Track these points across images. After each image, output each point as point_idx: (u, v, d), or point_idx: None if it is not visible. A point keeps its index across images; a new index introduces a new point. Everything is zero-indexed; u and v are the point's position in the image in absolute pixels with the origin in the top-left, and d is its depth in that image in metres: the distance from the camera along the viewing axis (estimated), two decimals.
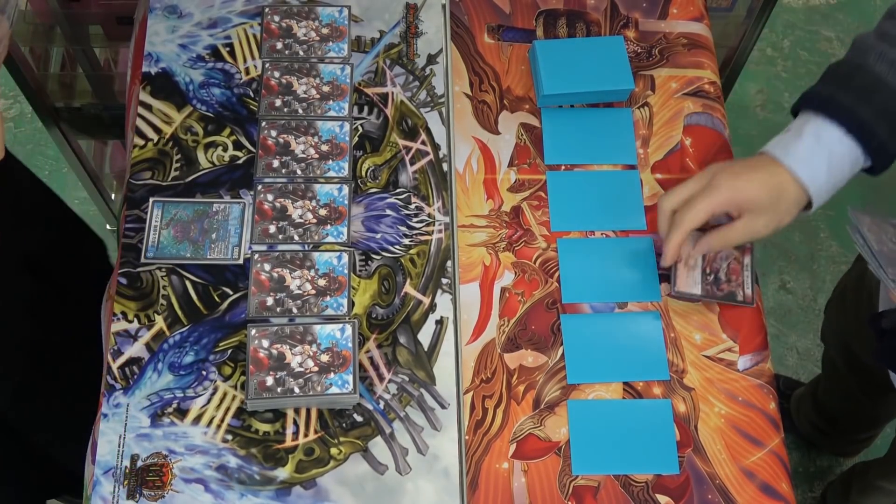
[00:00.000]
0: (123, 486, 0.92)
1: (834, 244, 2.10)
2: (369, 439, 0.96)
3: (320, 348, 0.96)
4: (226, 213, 1.05)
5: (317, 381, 0.95)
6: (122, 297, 1.01)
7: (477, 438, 0.98)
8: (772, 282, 2.07)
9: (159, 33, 1.16)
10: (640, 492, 0.96)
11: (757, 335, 1.04)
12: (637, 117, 1.16)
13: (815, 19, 2.39)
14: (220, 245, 1.04)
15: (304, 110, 1.11)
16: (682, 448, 0.98)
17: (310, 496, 0.93)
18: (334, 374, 0.95)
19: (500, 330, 1.03)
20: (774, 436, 1.00)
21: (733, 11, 1.56)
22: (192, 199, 1.06)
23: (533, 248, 1.07)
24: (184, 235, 1.04)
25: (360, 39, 1.18)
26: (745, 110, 2.27)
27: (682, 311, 1.05)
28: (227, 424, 0.96)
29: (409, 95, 1.15)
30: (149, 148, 1.09)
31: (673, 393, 1.01)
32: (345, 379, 0.95)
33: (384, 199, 1.08)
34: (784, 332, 2.02)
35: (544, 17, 1.22)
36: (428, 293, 1.04)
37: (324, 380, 0.95)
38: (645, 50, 1.20)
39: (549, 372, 1.01)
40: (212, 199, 1.07)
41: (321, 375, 0.95)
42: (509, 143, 1.13)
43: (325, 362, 0.96)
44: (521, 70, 1.18)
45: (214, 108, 1.12)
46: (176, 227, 1.04)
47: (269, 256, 1.03)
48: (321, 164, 1.08)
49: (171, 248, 1.04)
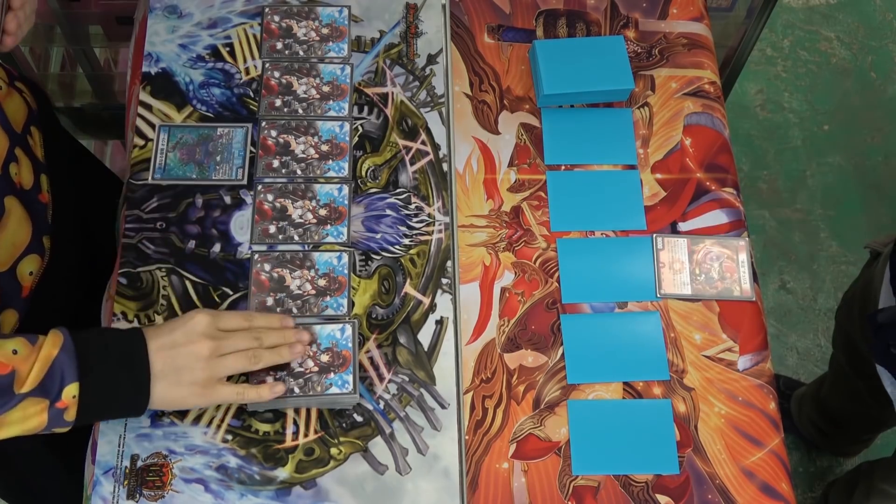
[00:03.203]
0: (123, 486, 0.92)
1: (834, 244, 2.10)
2: (369, 439, 0.96)
3: (320, 348, 0.96)
4: (230, 137, 1.08)
5: (317, 381, 0.95)
6: (122, 297, 1.01)
7: (477, 438, 0.98)
8: (772, 282, 2.07)
9: (159, 33, 1.16)
10: (640, 492, 0.96)
11: (757, 335, 1.04)
12: (637, 117, 1.16)
13: (815, 19, 2.39)
14: (224, 167, 1.07)
15: (304, 110, 1.11)
16: (682, 448, 0.98)
17: (310, 496, 0.93)
18: (334, 375, 0.95)
19: (500, 330, 1.03)
20: (774, 436, 1.00)
21: (733, 11, 1.56)
22: (197, 124, 1.10)
23: (533, 248, 1.07)
24: (189, 157, 1.07)
25: (360, 39, 1.18)
26: (745, 110, 2.27)
27: (682, 311, 1.05)
28: (228, 424, 0.96)
29: (409, 95, 1.15)
30: (149, 148, 1.09)
31: (673, 393, 1.01)
32: (345, 379, 0.95)
33: (384, 199, 1.08)
34: (784, 332, 2.02)
35: (544, 17, 1.22)
36: (428, 293, 1.04)
37: (324, 380, 0.95)
38: (645, 50, 1.20)
39: (549, 372, 1.01)
40: (216, 124, 1.10)
41: (321, 375, 0.95)
42: (509, 143, 1.13)
43: (326, 362, 0.96)
44: (521, 70, 1.18)
45: (214, 108, 1.12)
46: (182, 150, 1.08)
47: (269, 256, 1.03)
48: (321, 164, 1.08)
49: (177, 169, 1.07)
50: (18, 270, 0.97)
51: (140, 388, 0.85)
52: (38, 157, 1.04)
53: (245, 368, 0.89)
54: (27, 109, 1.04)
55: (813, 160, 2.21)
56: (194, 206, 1.06)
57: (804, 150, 2.22)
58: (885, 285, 1.20)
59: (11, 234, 0.96)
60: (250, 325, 0.92)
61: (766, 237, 2.11)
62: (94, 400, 0.83)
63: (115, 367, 0.84)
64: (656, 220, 1.10)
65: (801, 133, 2.25)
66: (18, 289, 0.98)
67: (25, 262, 0.98)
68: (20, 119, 1.02)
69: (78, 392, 0.82)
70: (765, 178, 2.18)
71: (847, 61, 2.34)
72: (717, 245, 1.08)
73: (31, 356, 0.81)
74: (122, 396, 0.85)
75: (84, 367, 0.82)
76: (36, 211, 1.01)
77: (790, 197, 2.16)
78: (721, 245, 1.08)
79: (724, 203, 1.11)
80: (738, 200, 1.12)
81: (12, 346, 0.80)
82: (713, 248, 1.08)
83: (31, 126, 1.04)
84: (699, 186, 1.12)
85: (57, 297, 1.04)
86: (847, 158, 2.21)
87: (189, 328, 0.87)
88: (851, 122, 2.26)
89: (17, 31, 0.92)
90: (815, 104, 2.28)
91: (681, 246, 1.07)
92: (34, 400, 0.80)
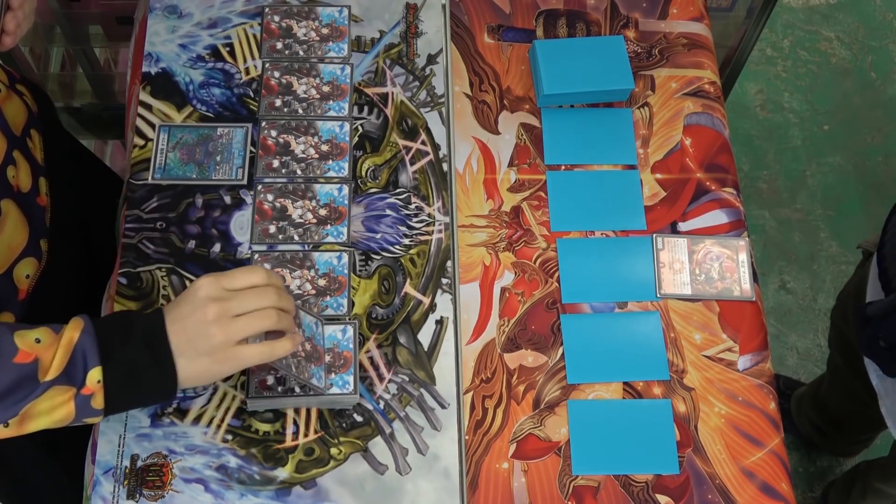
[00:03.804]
0: (123, 486, 0.92)
1: (834, 244, 2.10)
2: (369, 439, 0.96)
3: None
4: (230, 137, 1.08)
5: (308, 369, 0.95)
6: (122, 297, 1.01)
7: (477, 438, 0.98)
8: (772, 282, 2.07)
9: (159, 33, 1.16)
10: (640, 492, 0.96)
11: (757, 335, 1.04)
12: (637, 117, 1.16)
13: (815, 19, 2.39)
14: (224, 167, 1.07)
15: (304, 110, 1.11)
16: (682, 448, 0.98)
17: (310, 496, 0.93)
18: (335, 375, 0.95)
19: (500, 330, 1.03)
20: (774, 436, 1.00)
21: (733, 11, 1.56)
22: (197, 124, 1.10)
23: (533, 248, 1.07)
24: (189, 157, 1.07)
25: (360, 39, 1.18)
26: (745, 110, 2.27)
27: (682, 311, 1.05)
28: (228, 424, 0.96)
29: (409, 95, 1.15)
30: (149, 148, 1.09)
31: (673, 393, 1.01)
32: (345, 379, 0.95)
33: (384, 199, 1.08)
34: (784, 332, 2.02)
35: (544, 17, 1.22)
36: (428, 293, 1.04)
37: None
38: (645, 50, 1.20)
39: (549, 372, 1.01)
40: (216, 124, 1.10)
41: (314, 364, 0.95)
42: (509, 143, 1.13)
43: (326, 363, 0.96)
44: (521, 70, 1.18)
45: (214, 108, 1.12)
46: (182, 150, 1.08)
47: (269, 256, 1.03)
48: (321, 164, 1.08)
49: (177, 169, 1.07)
50: (15, 273, 0.97)
51: (163, 366, 0.82)
52: (38, 160, 1.04)
53: (264, 327, 0.84)
54: (27, 112, 1.04)
55: (813, 160, 2.21)
56: (194, 206, 1.06)
57: (804, 150, 2.22)
58: (873, 279, 1.21)
59: (8, 237, 0.95)
60: (265, 281, 0.86)
61: (766, 237, 2.11)
62: (119, 383, 0.80)
63: (137, 347, 0.81)
64: (656, 220, 1.10)
65: (801, 133, 2.25)
66: (15, 292, 0.97)
67: (22, 266, 0.98)
68: (20, 122, 1.02)
69: (102, 376, 0.79)
70: (765, 178, 2.18)
71: (847, 61, 2.34)
72: (717, 245, 1.08)
73: (54, 344, 0.79)
74: (147, 378, 0.82)
75: (106, 350, 0.80)
76: (33, 214, 1.00)
77: (790, 197, 2.16)
78: (721, 245, 1.08)
79: (724, 203, 1.11)
80: (738, 200, 1.12)
81: (35, 335, 0.79)
82: (713, 248, 1.08)
83: (30, 129, 1.04)
84: (699, 186, 1.12)
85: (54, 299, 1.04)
86: (847, 158, 2.21)
87: (192, 295, 0.84)
88: (851, 122, 2.26)
89: (17, 30, 0.92)
90: (815, 104, 2.28)
91: (681, 246, 1.07)
92: (60, 389, 0.79)
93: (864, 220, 2.13)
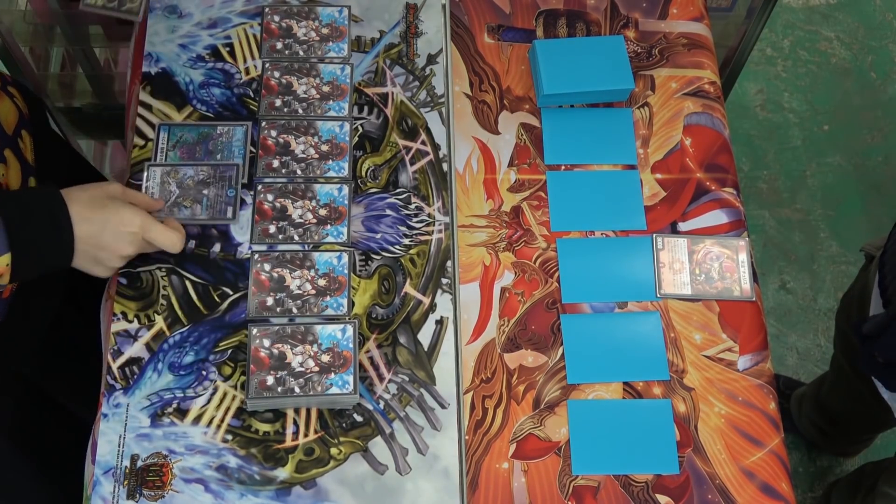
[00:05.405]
0: (123, 486, 0.92)
1: (834, 244, 2.10)
2: (369, 439, 0.96)
3: (321, 348, 0.96)
4: (230, 135, 1.08)
5: (317, 381, 0.95)
6: (122, 297, 1.01)
7: (477, 438, 0.98)
8: (772, 282, 2.07)
9: (159, 33, 1.16)
10: (640, 492, 0.96)
11: (757, 335, 1.04)
12: (637, 117, 1.16)
13: (815, 19, 2.39)
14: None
15: (304, 110, 1.11)
16: (682, 448, 0.98)
17: (310, 496, 0.93)
18: (335, 375, 0.95)
19: (500, 330, 1.03)
20: (774, 436, 1.00)
21: (733, 11, 1.56)
22: (197, 123, 1.10)
23: (533, 248, 1.07)
24: (189, 156, 1.07)
25: (360, 39, 1.18)
26: (745, 110, 2.27)
27: (682, 311, 1.05)
28: (228, 424, 0.96)
29: (409, 95, 1.15)
30: (149, 148, 1.09)
31: (673, 393, 1.01)
32: (345, 379, 0.95)
33: (384, 199, 1.08)
34: (784, 332, 2.02)
35: (544, 17, 1.22)
36: (428, 293, 1.04)
37: (324, 380, 0.95)
38: (645, 50, 1.20)
39: (549, 372, 1.01)
40: (216, 122, 1.10)
41: (322, 375, 0.95)
42: (509, 143, 1.13)
43: (326, 362, 0.96)
44: (521, 70, 1.18)
45: (214, 108, 1.12)
46: (182, 149, 1.08)
47: (269, 256, 1.03)
48: (321, 164, 1.08)
49: None
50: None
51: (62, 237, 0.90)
52: (29, 161, 1.04)
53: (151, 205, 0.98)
54: (18, 114, 1.04)
55: (813, 160, 2.21)
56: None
57: (804, 150, 2.22)
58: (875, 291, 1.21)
59: None
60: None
61: (766, 237, 2.11)
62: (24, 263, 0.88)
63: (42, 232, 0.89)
64: (656, 220, 1.10)
65: (801, 133, 2.25)
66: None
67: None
68: (11, 122, 1.02)
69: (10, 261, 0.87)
70: (765, 178, 2.18)
71: (847, 61, 2.34)
72: (717, 245, 1.08)
73: None
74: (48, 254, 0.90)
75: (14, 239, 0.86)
76: None
77: (790, 197, 2.15)
78: (721, 245, 1.08)
79: (724, 203, 1.11)
80: (738, 200, 1.12)
81: None
82: (713, 248, 1.08)
83: (21, 130, 1.04)
84: (699, 186, 1.12)
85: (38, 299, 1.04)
86: (847, 158, 2.21)
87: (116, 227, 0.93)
88: (851, 122, 2.26)
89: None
90: (815, 104, 2.28)
91: (681, 246, 1.07)
92: None
93: (864, 220, 2.13)
